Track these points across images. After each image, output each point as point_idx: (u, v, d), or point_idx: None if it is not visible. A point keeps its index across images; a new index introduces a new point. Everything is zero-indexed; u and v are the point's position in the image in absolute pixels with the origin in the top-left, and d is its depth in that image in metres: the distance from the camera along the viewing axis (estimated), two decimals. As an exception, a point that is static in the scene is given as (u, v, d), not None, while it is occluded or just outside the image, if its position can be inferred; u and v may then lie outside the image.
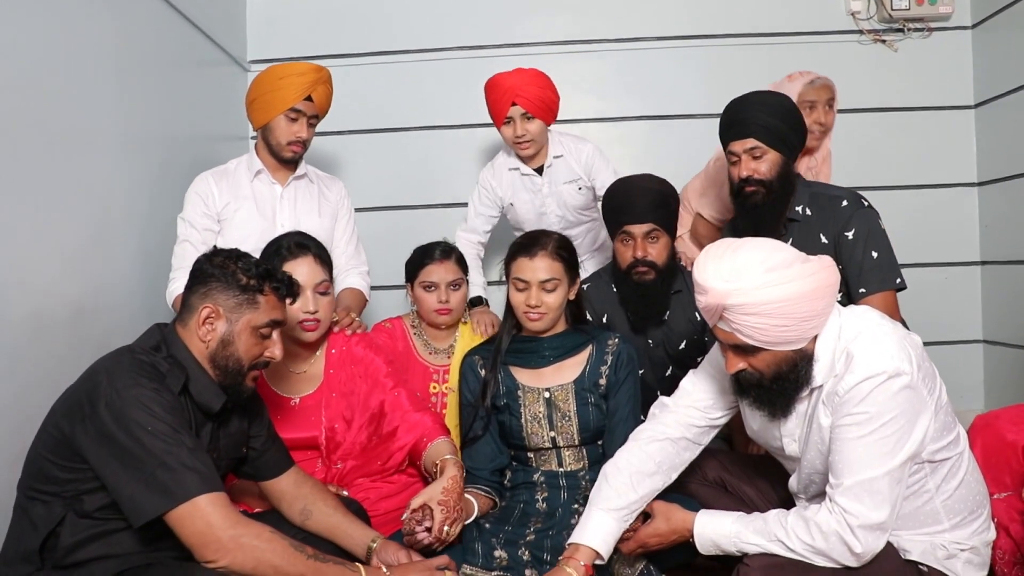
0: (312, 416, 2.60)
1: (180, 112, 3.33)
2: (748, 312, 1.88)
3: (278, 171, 3.10)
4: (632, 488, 2.20)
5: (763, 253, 1.91)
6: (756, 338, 1.91)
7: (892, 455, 1.88)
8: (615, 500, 2.18)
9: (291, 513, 2.26)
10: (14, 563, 1.87)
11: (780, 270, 1.88)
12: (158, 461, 1.78)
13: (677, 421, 2.29)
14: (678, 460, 2.28)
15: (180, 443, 1.81)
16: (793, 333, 1.91)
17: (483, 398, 2.64)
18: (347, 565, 1.94)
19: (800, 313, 1.89)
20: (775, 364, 1.97)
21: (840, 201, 2.75)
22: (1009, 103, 3.76)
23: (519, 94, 3.24)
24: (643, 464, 2.24)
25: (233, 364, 2.02)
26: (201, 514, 1.77)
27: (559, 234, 2.67)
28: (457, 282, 3.03)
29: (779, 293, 1.86)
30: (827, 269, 1.95)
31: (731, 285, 1.88)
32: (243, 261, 2.04)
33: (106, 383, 1.84)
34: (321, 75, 3.01)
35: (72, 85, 2.58)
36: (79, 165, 2.60)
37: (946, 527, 2.03)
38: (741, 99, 2.78)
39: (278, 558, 1.82)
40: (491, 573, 2.35)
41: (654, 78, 4.04)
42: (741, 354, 1.99)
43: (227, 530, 1.78)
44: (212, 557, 1.77)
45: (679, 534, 2.13)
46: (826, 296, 1.93)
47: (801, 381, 1.99)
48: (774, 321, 1.88)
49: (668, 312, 2.94)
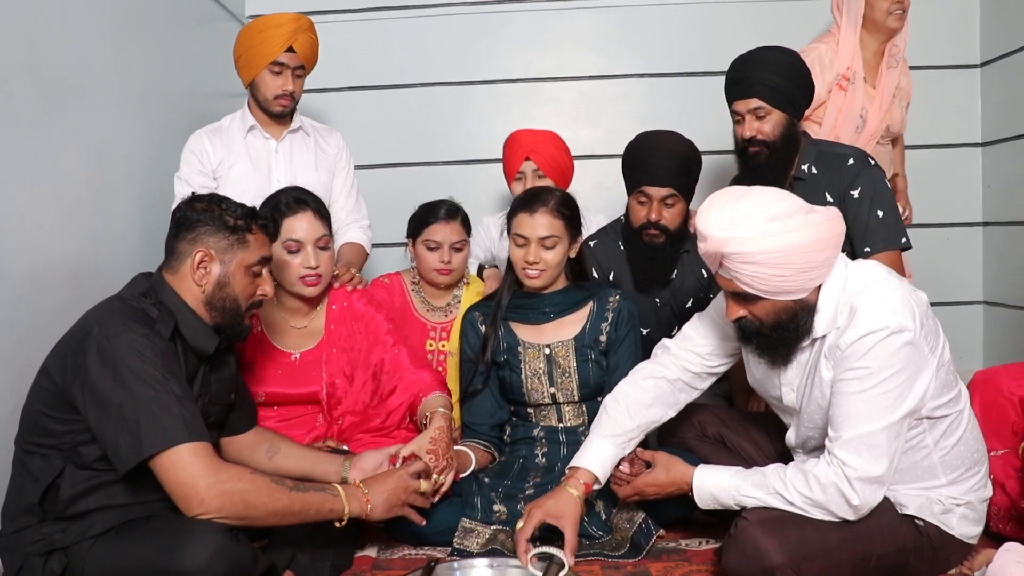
0: (313, 371, 2.60)
1: (178, 68, 3.30)
2: (746, 261, 1.88)
3: (271, 126, 3.07)
4: (629, 417, 2.26)
5: (765, 202, 1.90)
6: (754, 286, 1.92)
7: (892, 410, 1.89)
8: (612, 428, 2.26)
9: (256, 458, 2.27)
10: (16, 516, 1.89)
11: (781, 220, 1.87)
12: (144, 407, 1.78)
13: (675, 364, 2.33)
14: (672, 399, 2.34)
15: (168, 390, 1.81)
16: (792, 283, 1.91)
17: (483, 353, 2.64)
18: (326, 488, 1.99)
19: (799, 264, 1.89)
20: (775, 313, 1.97)
21: (846, 159, 2.72)
22: (1015, 62, 3.71)
23: (534, 150, 3.22)
24: (640, 396, 2.30)
25: (231, 304, 2.04)
26: (184, 463, 1.77)
27: (562, 191, 2.65)
28: (460, 244, 2.99)
29: (778, 243, 1.86)
30: (830, 221, 1.94)
31: (729, 233, 1.88)
32: (226, 203, 2.07)
33: (97, 330, 1.84)
34: (300, 23, 2.93)
35: (69, 39, 2.55)
36: (76, 119, 2.58)
37: (943, 482, 2.04)
38: (746, 57, 2.73)
39: (264, 496, 1.83)
40: (490, 527, 2.38)
41: (658, 35, 3.99)
42: (741, 301, 1.99)
43: (206, 478, 1.77)
44: (197, 508, 1.76)
45: (677, 486, 2.15)
46: (827, 248, 1.92)
47: (802, 331, 1.99)
48: (772, 271, 1.88)
49: (675, 272, 2.92)
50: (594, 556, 2.31)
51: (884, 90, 3.16)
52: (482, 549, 2.32)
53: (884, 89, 3.16)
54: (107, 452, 1.82)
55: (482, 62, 4.00)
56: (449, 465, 2.34)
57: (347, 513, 1.99)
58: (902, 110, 3.26)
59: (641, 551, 2.30)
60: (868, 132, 3.16)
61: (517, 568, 2.11)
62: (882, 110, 3.16)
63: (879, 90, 3.16)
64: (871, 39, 3.13)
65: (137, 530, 1.81)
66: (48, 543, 1.82)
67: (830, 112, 3.11)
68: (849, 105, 3.10)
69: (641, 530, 2.34)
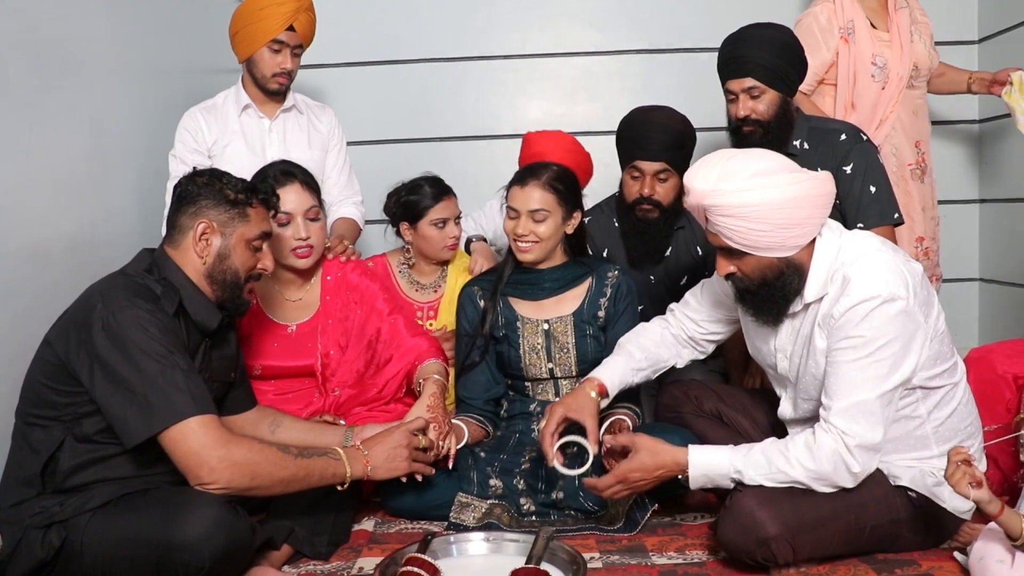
0: (308, 343, 2.61)
1: (175, 41, 3.28)
2: (724, 214, 1.95)
3: (265, 104, 3.07)
4: (639, 348, 2.41)
5: (750, 160, 1.98)
6: (736, 240, 1.98)
7: (886, 378, 1.93)
8: (623, 354, 2.41)
9: (260, 433, 2.28)
10: (16, 487, 1.91)
11: (760, 176, 1.94)
12: (151, 382, 1.80)
13: (678, 325, 2.46)
14: (676, 351, 2.46)
15: (174, 365, 1.83)
16: (771, 239, 1.96)
17: (482, 326, 2.65)
18: (328, 453, 2.02)
19: (777, 219, 1.94)
20: (760, 270, 2.02)
21: (839, 135, 2.72)
22: (1013, 38, 3.70)
23: (547, 157, 3.15)
24: (648, 337, 2.45)
25: (231, 277, 2.06)
26: (194, 435, 1.80)
27: (560, 166, 2.64)
28: (460, 215, 3.05)
29: (754, 198, 1.93)
30: (814, 180, 1.99)
31: (710, 186, 1.96)
32: (226, 177, 2.10)
33: (101, 306, 1.86)
34: (302, 3, 2.95)
35: (64, 13, 2.54)
36: (72, 94, 2.57)
37: (935, 453, 2.07)
38: (738, 35, 2.71)
39: (271, 466, 1.87)
40: (486, 501, 2.40)
41: (654, 11, 3.98)
42: (729, 256, 2.05)
43: (217, 450, 1.80)
44: (207, 479, 1.80)
45: (666, 469, 2.09)
46: (807, 207, 1.97)
47: (789, 291, 2.04)
48: (751, 224, 1.94)
49: (669, 249, 2.93)
50: (589, 531, 2.33)
51: (899, 31, 3.15)
52: (478, 523, 2.34)
53: (899, 30, 3.15)
54: (114, 426, 1.84)
55: (479, 38, 3.98)
56: (450, 430, 2.38)
57: (349, 476, 2.02)
58: (924, 45, 3.23)
59: (637, 526, 2.32)
60: (894, 79, 3.14)
61: (513, 541, 2.14)
62: (904, 52, 3.14)
63: (893, 32, 3.14)
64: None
65: (135, 503, 1.83)
66: (47, 516, 1.84)
67: (842, 71, 3.10)
68: (857, 57, 3.08)
69: (636, 505, 2.36)
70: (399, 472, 2.15)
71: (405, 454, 2.14)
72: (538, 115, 4.00)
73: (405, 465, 2.15)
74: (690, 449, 2.08)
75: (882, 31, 3.15)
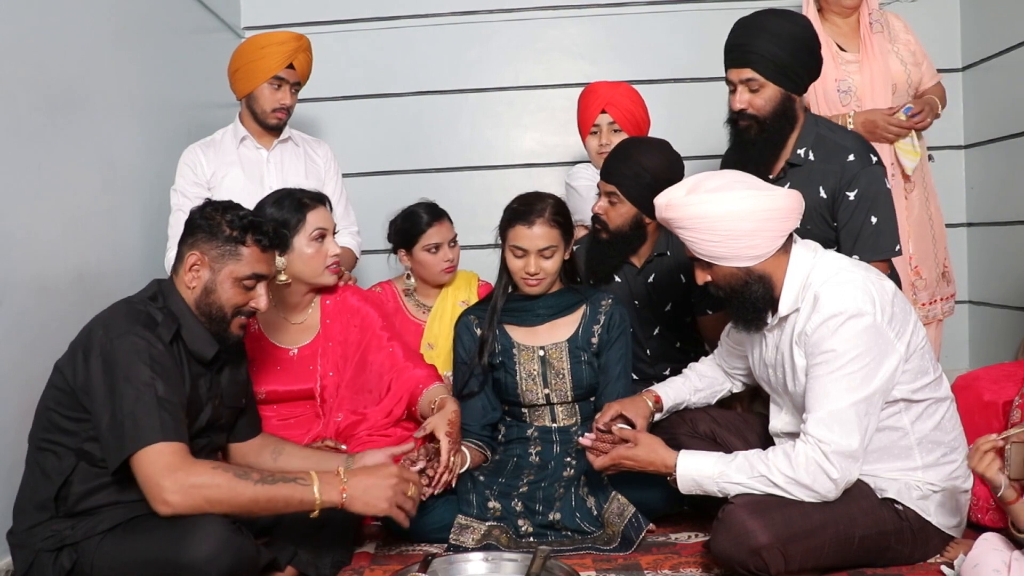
0: (310, 365, 2.65)
1: (177, 78, 3.36)
2: (680, 225, 2.13)
3: (263, 137, 3.17)
4: (699, 376, 2.62)
5: (713, 178, 2.14)
6: (695, 250, 2.14)
7: (859, 389, 2.02)
8: (685, 377, 2.62)
9: (262, 460, 2.30)
10: (29, 511, 1.95)
11: (713, 192, 2.09)
12: (128, 409, 1.84)
13: (720, 359, 2.64)
14: (724, 379, 2.64)
15: (152, 392, 1.86)
16: (723, 249, 2.10)
17: (480, 356, 2.70)
18: (298, 479, 1.92)
19: (723, 230, 2.07)
20: (726, 278, 2.16)
21: (847, 154, 2.53)
22: (996, 66, 3.78)
23: (611, 103, 3.23)
24: (707, 366, 2.65)
25: (216, 311, 2.07)
26: (149, 461, 1.82)
27: (554, 197, 2.69)
28: (455, 238, 3.15)
29: (700, 210, 2.08)
30: (766, 197, 2.10)
31: (664, 200, 2.16)
32: (230, 213, 2.08)
33: (102, 332, 1.92)
34: (301, 43, 3.08)
35: (71, 49, 2.62)
36: (80, 130, 2.64)
37: (919, 465, 2.13)
38: (746, 21, 2.55)
39: (225, 491, 1.83)
40: (485, 523, 2.44)
41: (645, 42, 4.04)
42: (700, 267, 2.20)
43: (167, 477, 1.80)
44: (161, 509, 1.81)
45: (656, 466, 2.21)
46: (752, 220, 2.07)
47: (758, 301, 2.15)
48: (701, 235, 2.10)
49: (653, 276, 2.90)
50: (586, 550, 2.37)
51: (871, 54, 3.05)
52: (477, 544, 2.37)
53: (871, 53, 3.05)
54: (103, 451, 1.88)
55: (473, 71, 4.05)
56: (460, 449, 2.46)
57: (319, 502, 1.91)
58: (902, 63, 3.11)
59: (632, 544, 2.36)
60: (868, 104, 3.03)
61: (511, 561, 2.18)
62: (875, 75, 3.04)
63: (863, 55, 3.05)
64: (838, 19, 3.12)
65: (143, 525, 1.87)
66: (58, 539, 1.88)
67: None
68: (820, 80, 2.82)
69: (632, 524, 2.40)
70: (376, 511, 2.01)
71: (388, 494, 1.98)
72: (532, 145, 4.08)
73: (385, 506, 1.98)
74: (680, 453, 2.19)
75: (851, 53, 3.08)
